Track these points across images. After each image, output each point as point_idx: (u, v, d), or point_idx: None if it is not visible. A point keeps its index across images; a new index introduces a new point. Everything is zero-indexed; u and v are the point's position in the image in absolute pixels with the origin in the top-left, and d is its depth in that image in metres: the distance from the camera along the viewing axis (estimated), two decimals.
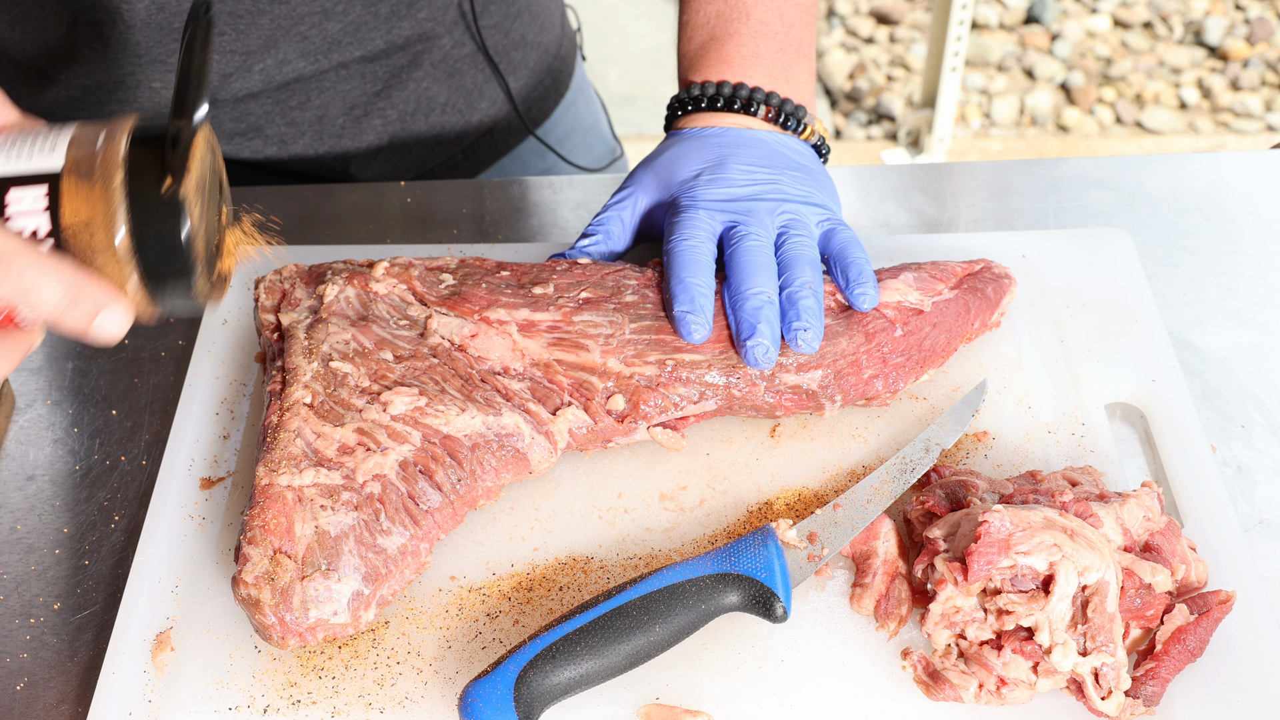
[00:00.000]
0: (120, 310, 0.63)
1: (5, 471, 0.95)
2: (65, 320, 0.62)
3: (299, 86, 1.16)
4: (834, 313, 0.90)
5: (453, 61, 1.21)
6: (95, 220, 0.61)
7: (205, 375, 0.96)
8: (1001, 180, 1.15)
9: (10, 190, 0.62)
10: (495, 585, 0.84)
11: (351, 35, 1.14)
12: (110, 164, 0.62)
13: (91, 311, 0.62)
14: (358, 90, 1.18)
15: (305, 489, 0.81)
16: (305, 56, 1.13)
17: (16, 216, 0.61)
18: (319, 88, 1.16)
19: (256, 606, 0.77)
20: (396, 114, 1.21)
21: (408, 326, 0.90)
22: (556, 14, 1.34)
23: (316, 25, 1.12)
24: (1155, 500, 0.81)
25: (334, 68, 1.16)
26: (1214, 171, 1.15)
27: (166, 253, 0.62)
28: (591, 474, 0.90)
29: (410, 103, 1.21)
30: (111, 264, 0.62)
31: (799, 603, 0.82)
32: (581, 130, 1.37)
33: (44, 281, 0.60)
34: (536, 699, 0.74)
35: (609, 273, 0.93)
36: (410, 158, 1.25)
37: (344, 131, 1.20)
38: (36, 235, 0.62)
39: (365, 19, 1.14)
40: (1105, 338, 0.96)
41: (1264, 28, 3.40)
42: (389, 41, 1.16)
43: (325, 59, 1.14)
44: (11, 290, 0.61)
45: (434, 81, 1.21)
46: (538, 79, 1.29)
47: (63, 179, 0.61)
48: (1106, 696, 0.75)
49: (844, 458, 0.90)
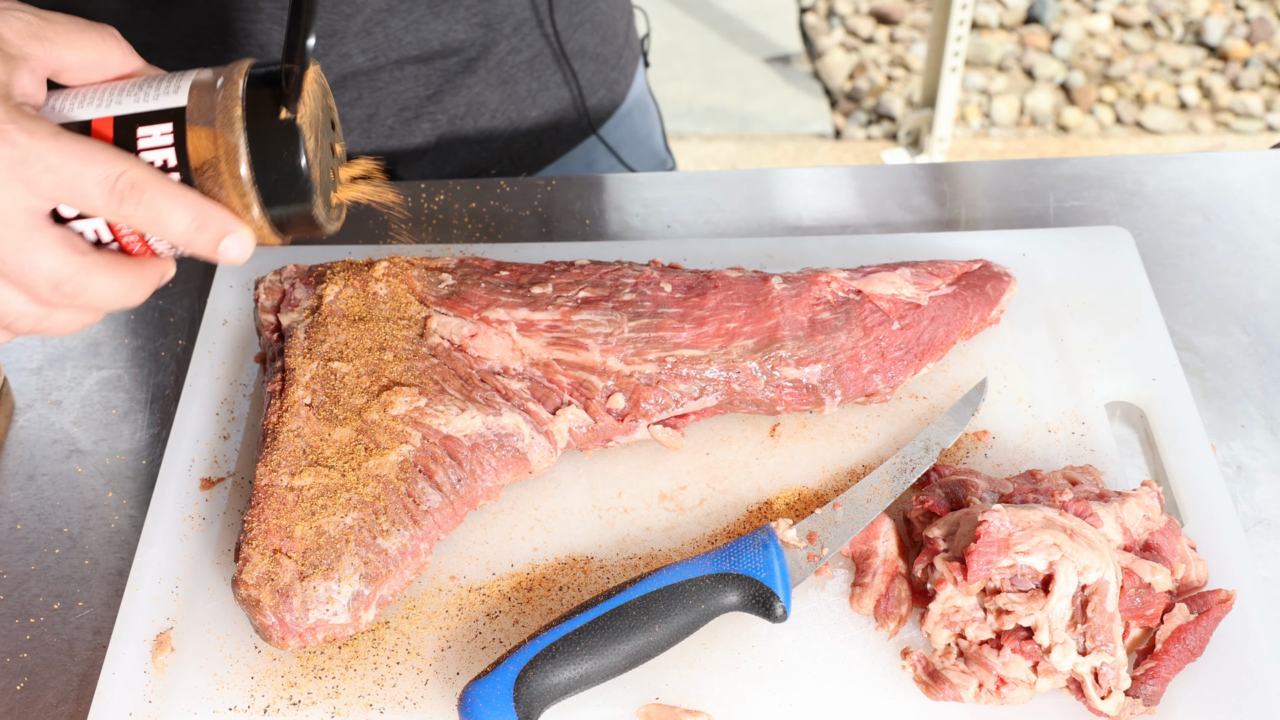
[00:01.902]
0: (244, 235, 0.67)
1: (5, 471, 0.95)
2: (193, 245, 0.66)
3: (353, 82, 1.15)
4: (832, 307, 0.91)
5: (507, 68, 1.21)
6: (218, 152, 0.66)
7: (205, 375, 0.96)
8: (1001, 180, 1.15)
9: (140, 127, 0.66)
10: (495, 585, 0.84)
11: (413, 34, 1.14)
12: (230, 100, 0.66)
13: (217, 236, 0.66)
14: (410, 92, 1.18)
15: (305, 489, 0.81)
16: (365, 52, 1.13)
17: (146, 150, 0.66)
18: (371, 86, 1.16)
19: (256, 607, 0.77)
20: (446, 118, 1.21)
21: (407, 326, 0.90)
22: (622, 24, 1.32)
23: (380, 22, 1.12)
24: (1155, 499, 0.81)
25: (390, 65, 1.15)
26: (1214, 171, 1.15)
27: (285, 180, 0.66)
28: (591, 474, 0.90)
29: (460, 107, 1.20)
30: (234, 192, 0.66)
31: (799, 603, 0.82)
32: (634, 141, 1.36)
33: (173, 208, 0.65)
34: (536, 699, 0.74)
35: (607, 271, 0.93)
36: (455, 161, 1.24)
37: (392, 132, 1.20)
38: (165, 166, 0.66)
39: (427, 18, 1.14)
40: (1105, 337, 0.96)
41: (1264, 28, 3.39)
42: (445, 44, 1.16)
43: (384, 55, 1.14)
44: (144, 217, 0.65)
45: (486, 87, 1.21)
46: (591, 89, 1.29)
47: (187, 115, 0.66)
48: (1106, 696, 0.75)
49: (844, 457, 0.90)
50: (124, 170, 0.65)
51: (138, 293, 0.69)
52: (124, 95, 0.68)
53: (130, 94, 0.68)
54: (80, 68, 0.70)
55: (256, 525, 0.79)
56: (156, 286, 0.71)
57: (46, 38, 0.69)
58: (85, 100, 0.69)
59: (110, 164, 0.64)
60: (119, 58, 0.71)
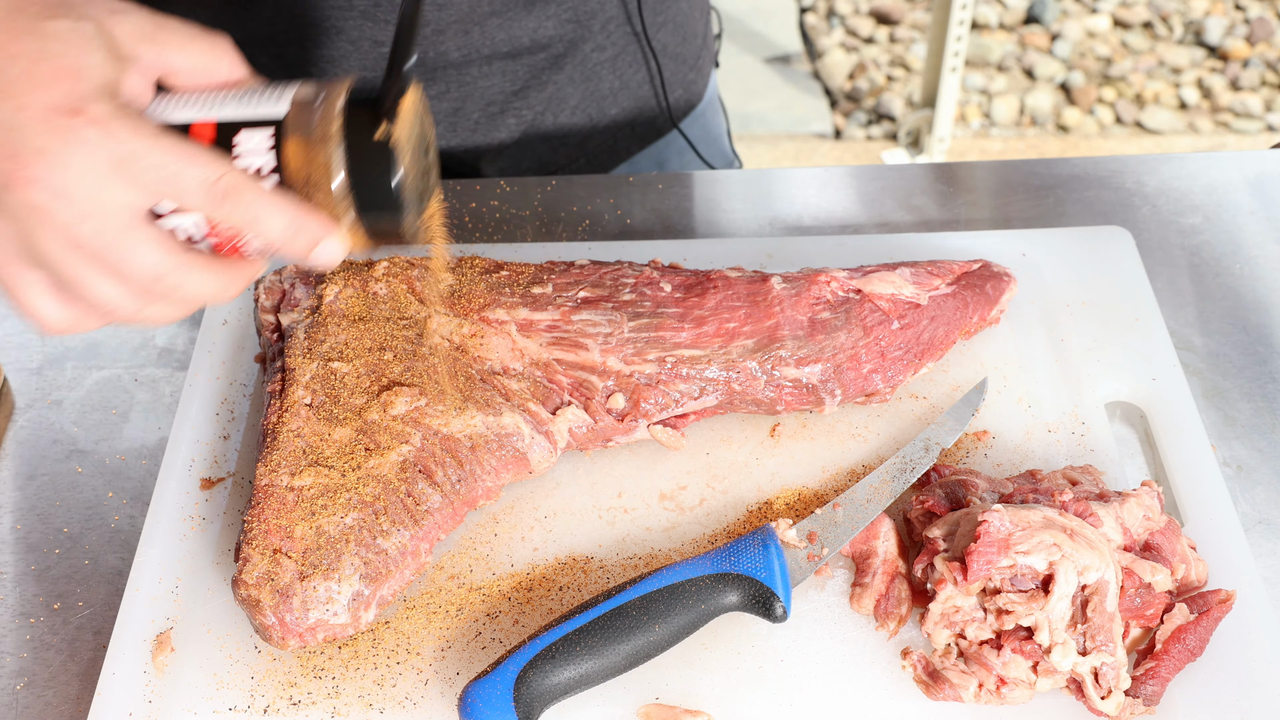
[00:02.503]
0: (336, 242, 0.70)
1: (5, 471, 0.95)
2: (287, 249, 0.69)
3: (442, 75, 1.15)
4: (832, 306, 0.91)
5: (591, 65, 1.20)
6: (315, 162, 0.68)
7: (205, 375, 0.96)
8: (1001, 180, 1.15)
9: (240, 132, 0.69)
10: (495, 585, 0.84)
11: (506, 30, 1.14)
12: (329, 113, 0.68)
13: (311, 242, 0.69)
14: (496, 87, 1.17)
15: (305, 489, 0.81)
16: (460, 48, 1.13)
17: (245, 155, 0.68)
18: (459, 80, 1.16)
19: (256, 607, 0.77)
20: (530, 113, 1.20)
21: (407, 326, 0.90)
22: (700, 24, 1.32)
23: (479, 20, 1.12)
24: (1155, 499, 0.81)
25: (480, 60, 1.15)
26: (1214, 171, 1.15)
27: (378, 193, 0.69)
28: (591, 474, 0.90)
29: (542, 103, 1.20)
30: (328, 201, 0.69)
31: (799, 603, 0.82)
32: (707, 140, 1.36)
33: (270, 213, 0.67)
34: (536, 699, 0.74)
35: (607, 271, 0.93)
36: (533, 157, 1.24)
37: (476, 127, 1.19)
38: (261, 172, 0.68)
39: (520, 14, 1.14)
40: (1105, 337, 0.96)
41: (1264, 28, 3.39)
42: (535, 39, 1.16)
43: (476, 51, 1.14)
44: (240, 219, 0.67)
45: (570, 83, 1.20)
46: (670, 88, 1.28)
47: (287, 124, 0.68)
48: (1106, 696, 0.75)
49: (844, 457, 0.90)
50: (224, 173, 0.67)
51: (231, 289, 0.71)
52: (226, 102, 0.70)
53: (233, 101, 0.70)
54: (189, 72, 0.72)
55: (256, 525, 0.79)
56: (247, 285, 0.72)
57: (158, 41, 0.70)
58: (188, 104, 0.70)
59: (211, 166, 0.67)
60: (227, 66, 0.72)
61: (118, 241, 0.66)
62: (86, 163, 0.64)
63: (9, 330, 1.05)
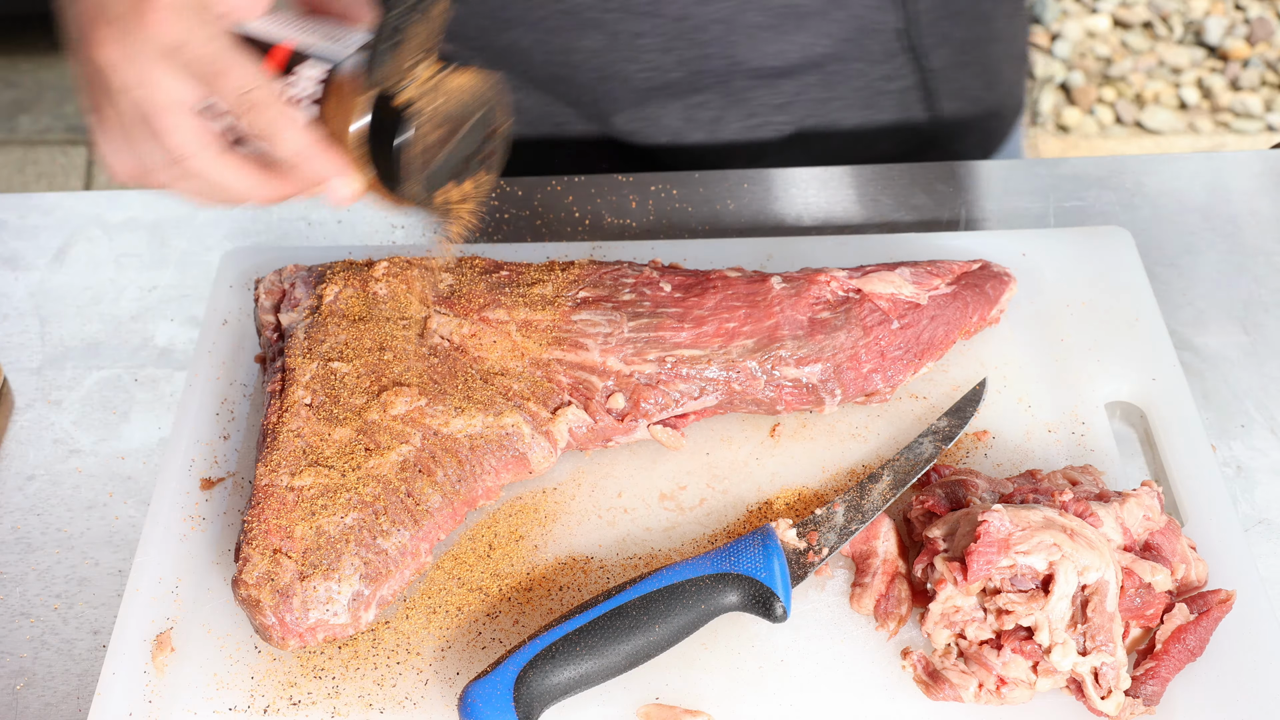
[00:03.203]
0: (345, 184, 0.75)
1: (5, 471, 0.95)
2: (299, 172, 0.74)
3: (704, 83, 1.16)
4: (831, 306, 0.91)
5: (855, 84, 1.19)
6: (342, 106, 0.73)
7: (205, 375, 0.96)
8: (1001, 180, 1.15)
9: (305, 61, 0.75)
10: (495, 585, 0.84)
11: (775, 44, 1.14)
12: (368, 66, 0.73)
13: (318, 174, 0.74)
14: (759, 100, 1.18)
15: (305, 489, 0.81)
16: (726, 57, 1.13)
17: (298, 82, 0.74)
18: (724, 90, 1.16)
19: (257, 607, 0.77)
20: (790, 127, 1.20)
21: (407, 326, 0.90)
22: (1012, 73, 1.28)
23: (773, 37, 1.12)
24: (1155, 499, 0.81)
25: (745, 74, 1.15)
26: (1214, 171, 1.15)
27: (382, 152, 0.74)
28: (591, 474, 0.90)
29: (803, 117, 1.20)
30: (347, 145, 0.74)
31: (799, 603, 0.82)
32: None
33: (286, 133, 0.73)
34: (536, 699, 0.74)
35: (607, 271, 0.93)
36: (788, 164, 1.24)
37: (736, 132, 1.20)
38: (302, 101, 0.74)
39: (792, 30, 1.13)
40: (1105, 336, 0.96)
41: (1264, 28, 3.39)
42: (805, 56, 1.15)
43: (741, 63, 1.14)
44: (260, 130, 0.73)
45: (835, 102, 1.20)
46: (944, 111, 1.25)
47: (338, 66, 0.74)
48: (1106, 696, 0.75)
49: (844, 457, 0.90)
50: (257, 86, 0.72)
51: (255, 192, 0.76)
52: (314, 31, 0.76)
53: (319, 33, 0.76)
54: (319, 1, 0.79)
55: (256, 525, 0.79)
56: (274, 198, 0.77)
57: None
58: (283, 25, 0.76)
59: (248, 76, 0.72)
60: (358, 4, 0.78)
61: (157, 115, 0.72)
62: (145, 41, 0.71)
63: (9, 330, 1.05)
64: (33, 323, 1.06)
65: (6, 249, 1.12)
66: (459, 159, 0.77)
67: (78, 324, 1.06)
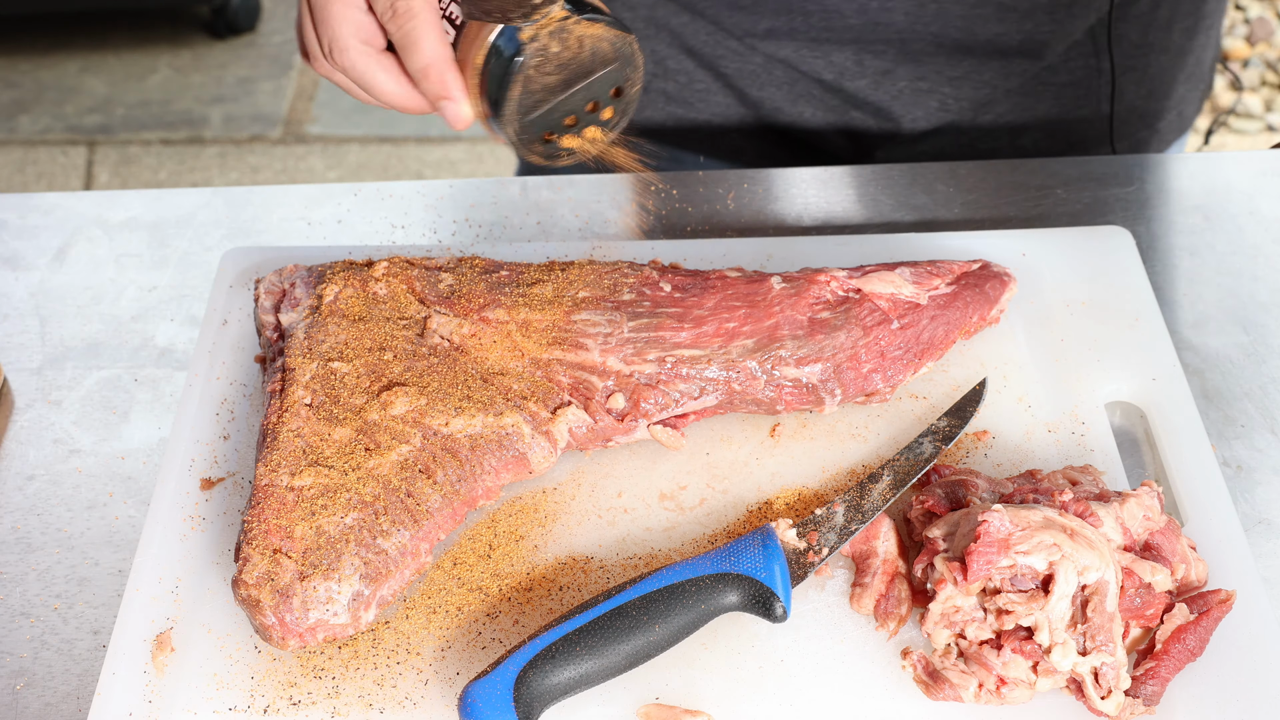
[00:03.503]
0: (459, 107, 0.80)
1: (5, 471, 0.95)
2: (424, 85, 0.80)
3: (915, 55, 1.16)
4: (831, 306, 0.91)
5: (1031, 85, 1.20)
6: (473, 36, 0.78)
7: (205, 375, 0.96)
8: (1001, 180, 1.15)
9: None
10: (495, 585, 0.84)
11: (984, 26, 1.14)
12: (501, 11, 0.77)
13: (436, 92, 0.80)
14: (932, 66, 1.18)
15: (305, 489, 0.81)
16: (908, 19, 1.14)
17: (448, 4, 0.80)
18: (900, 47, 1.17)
19: (257, 607, 0.77)
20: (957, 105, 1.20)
21: (407, 326, 0.90)
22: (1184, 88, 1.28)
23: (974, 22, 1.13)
24: (1155, 499, 0.81)
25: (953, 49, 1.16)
26: (1214, 171, 1.15)
27: (495, 90, 0.78)
28: (591, 474, 0.90)
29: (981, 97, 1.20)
30: (469, 73, 0.79)
31: (799, 603, 0.82)
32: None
33: (417, 46, 0.79)
34: (536, 699, 0.74)
35: (606, 271, 0.93)
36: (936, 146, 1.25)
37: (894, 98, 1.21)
38: (451, 19, 0.80)
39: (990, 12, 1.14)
40: (1105, 336, 0.96)
41: (1264, 28, 3.39)
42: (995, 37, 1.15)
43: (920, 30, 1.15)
44: (397, 38, 0.80)
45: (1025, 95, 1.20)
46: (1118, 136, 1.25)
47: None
48: (1106, 696, 0.75)
49: (844, 457, 0.90)
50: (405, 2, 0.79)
51: (396, 97, 0.82)
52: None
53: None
54: None
55: (256, 525, 0.79)
56: (412, 109, 0.82)
57: None
58: None
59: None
60: None
61: (327, 6, 0.81)
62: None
63: (9, 330, 1.05)
64: (33, 323, 1.06)
65: (6, 249, 1.12)
66: (575, 109, 0.79)
67: (78, 324, 1.06)
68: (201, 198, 1.16)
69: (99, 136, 3.09)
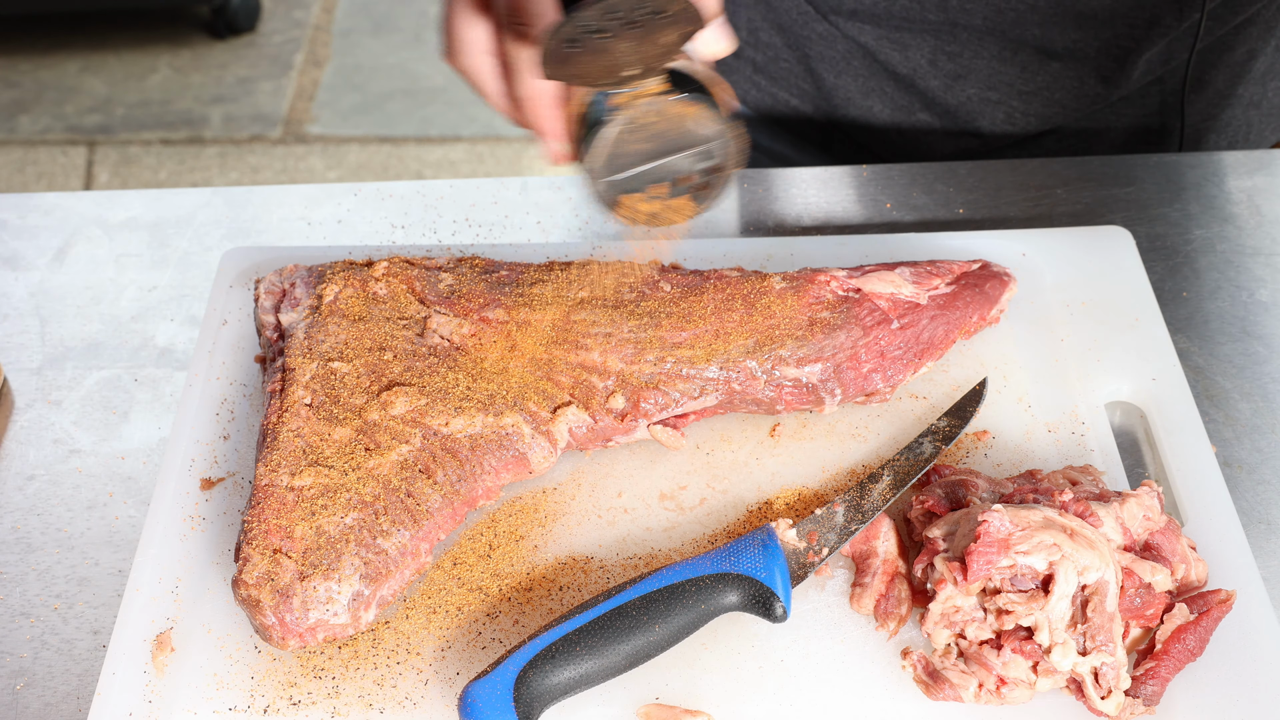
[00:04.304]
0: (554, 145, 0.80)
1: (5, 471, 0.96)
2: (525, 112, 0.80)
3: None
4: (831, 306, 0.91)
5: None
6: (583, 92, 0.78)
7: (205, 375, 0.96)
8: (1001, 180, 1.15)
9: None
10: (495, 585, 0.84)
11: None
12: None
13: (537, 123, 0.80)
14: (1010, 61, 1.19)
15: (305, 489, 0.81)
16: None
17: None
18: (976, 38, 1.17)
19: (257, 607, 0.77)
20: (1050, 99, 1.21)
21: (407, 326, 0.90)
22: (1238, 112, 1.27)
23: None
24: (1155, 499, 0.81)
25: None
26: (1214, 171, 1.15)
27: (585, 143, 0.78)
28: (591, 474, 0.90)
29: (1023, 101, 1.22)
30: (569, 116, 0.79)
31: (799, 603, 0.82)
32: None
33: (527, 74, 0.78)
34: (536, 699, 0.74)
35: (606, 271, 0.93)
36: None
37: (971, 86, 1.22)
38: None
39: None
40: (1105, 336, 0.96)
41: None
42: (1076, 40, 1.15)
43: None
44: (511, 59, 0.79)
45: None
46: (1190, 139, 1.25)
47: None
48: (1106, 696, 0.75)
49: (844, 457, 0.90)
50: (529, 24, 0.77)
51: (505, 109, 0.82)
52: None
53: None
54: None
55: (256, 525, 0.79)
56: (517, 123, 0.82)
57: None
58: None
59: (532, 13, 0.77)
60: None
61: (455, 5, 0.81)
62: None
63: (9, 330, 1.05)
64: (33, 323, 1.06)
65: (6, 249, 1.12)
66: (664, 177, 0.79)
67: (78, 324, 1.06)
68: (201, 198, 1.16)
69: (99, 136, 3.09)
